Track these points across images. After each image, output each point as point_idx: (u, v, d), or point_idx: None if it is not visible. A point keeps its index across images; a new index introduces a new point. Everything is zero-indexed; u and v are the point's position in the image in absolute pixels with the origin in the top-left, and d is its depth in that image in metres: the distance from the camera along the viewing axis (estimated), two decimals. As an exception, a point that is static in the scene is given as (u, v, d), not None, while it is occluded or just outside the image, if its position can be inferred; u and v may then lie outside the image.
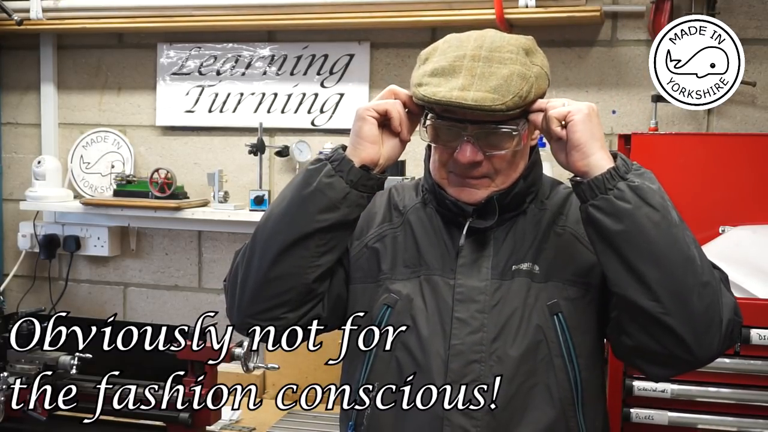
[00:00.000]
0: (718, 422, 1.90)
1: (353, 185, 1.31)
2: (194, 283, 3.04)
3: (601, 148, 1.27)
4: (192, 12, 2.79)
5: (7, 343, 2.21)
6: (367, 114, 1.34)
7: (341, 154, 1.33)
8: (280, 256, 1.32)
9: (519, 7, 2.47)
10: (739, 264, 1.95)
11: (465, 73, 1.27)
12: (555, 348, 1.33)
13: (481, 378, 1.31)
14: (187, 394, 2.11)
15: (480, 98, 1.24)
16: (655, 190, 1.25)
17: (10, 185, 3.22)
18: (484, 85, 1.25)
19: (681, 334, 1.22)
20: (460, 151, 1.31)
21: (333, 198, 1.30)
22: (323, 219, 1.31)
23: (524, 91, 1.27)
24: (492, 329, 1.32)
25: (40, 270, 3.16)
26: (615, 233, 1.22)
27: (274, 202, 1.38)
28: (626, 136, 2.30)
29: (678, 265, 1.21)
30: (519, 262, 1.36)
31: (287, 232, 1.32)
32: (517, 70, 1.27)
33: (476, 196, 1.36)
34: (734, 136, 2.33)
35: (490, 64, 1.27)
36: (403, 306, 1.36)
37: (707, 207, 2.16)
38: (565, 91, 2.63)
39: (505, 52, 1.29)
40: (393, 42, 2.76)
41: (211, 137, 2.98)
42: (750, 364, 1.87)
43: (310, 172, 1.33)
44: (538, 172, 1.43)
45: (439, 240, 1.40)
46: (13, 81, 3.18)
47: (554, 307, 1.33)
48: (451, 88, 1.26)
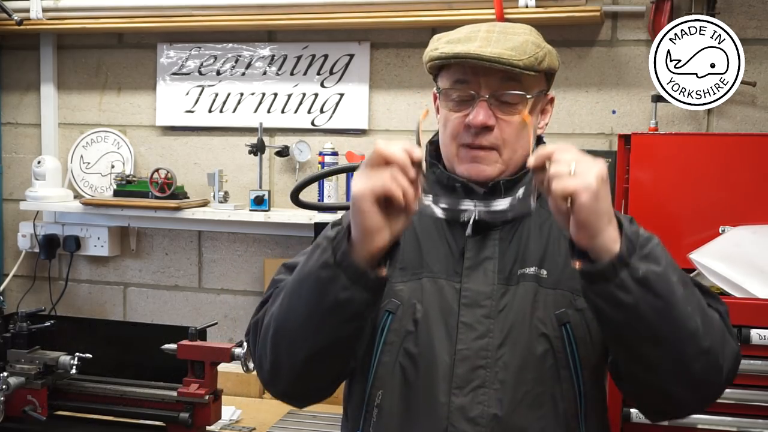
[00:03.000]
0: (717, 422, 1.89)
1: (373, 290, 1.19)
2: (194, 283, 3.04)
3: (608, 223, 1.14)
4: (192, 12, 2.79)
5: (7, 343, 2.21)
6: (365, 206, 1.13)
7: (351, 260, 1.16)
8: (312, 359, 1.25)
9: (519, 7, 2.47)
10: (739, 264, 1.95)
11: (480, 39, 1.30)
12: (562, 359, 1.30)
13: (486, 384, 1.28)
14: (187, 394, 2.11)
15: (498, 53, 1.26)
16: (660, 273, 1.14)
17: (10, 185, 3.22)
18: (500, 45, 1.28)
19: (680, 399, 1.23)
20: (473, 114, 1.31)
21: (356, 310, 1.20)
22: (351, 327, 1.23)
23: (539, 55, 1.30)
24: (498, 335, 1.30)
25: (40, 270, 3.16)
26: (615, 321, 1.17)
27: (286, 304, 1.26)
28: (626, 136, 2.30)
29: (680, 340, 1.17)
30: (525, 266, 1.34)
31: (314, 340, 1.24)
32: (531, 39, 1.31)
33: (486, 173, 1.34)
34: (734, 136, 2.33)
35: (505, 35, 1.31)
36: (404, 311, 1.34)
37: (707, 207, 2.16)
38: (565, 90, 2.63)
39: (518, 29, 1.34)
40: (393, 42, 2.76)
41: (211, 137, 2.98)
42: (750, 364, 1.87)
43: (322, 282, 1.18)
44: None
45: (442, 241, 1.37)
46: (13, 81, 3.18)
47: (563, 317, 1.31)
48: (469, 47, 1.28)
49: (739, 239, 2.05)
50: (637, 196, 2.22)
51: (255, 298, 2.96)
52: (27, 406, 2.15)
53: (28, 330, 2.23)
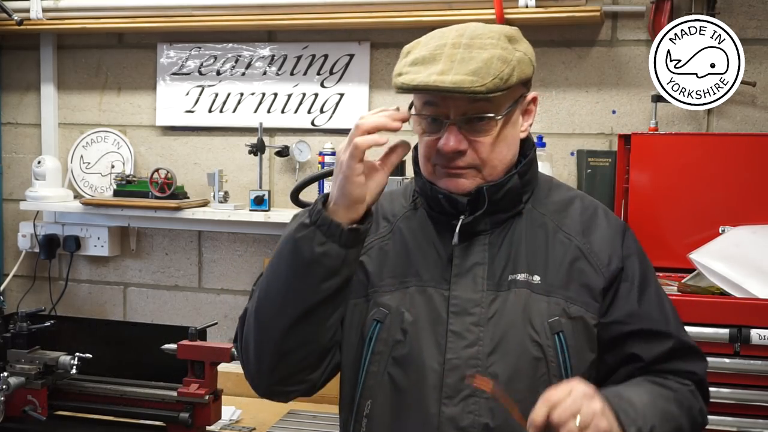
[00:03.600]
0: (717, 422, 1.89)
1: (348, 246, 1.24)
2: (194, 283, 3.04)
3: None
4: (192, 12, 2.79)
5: (8, 343, 2.21)
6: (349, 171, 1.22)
7: (327, 217, 1.24)
8: (291, 330, 1.28)
9: (519, 7, 2.47)
10: (739, 264, 1.95)
11: (444, 59, 1.24)
12: (554, 368, 1.29)
13: (477, 393, 1.26)
14: (187, 394, 2.11)
15: (459, 81, 1.21)
16: None
17: (10, 185, 3.22)
18: (463, 68, 1.22)
19: None
20: (443, 140, 1.28)
21: (332, 265, 1.24)
22: (327, 287, 1.26)
23: (505, 73, 1.23)
24: (488, 343, 1.28)
25: (40, 270, 3.16)
26: None
27: (268, 275, 1.31)
28: (626, 136, 2.31)
29: None
30: (516, 271, 1.32)
31: (293, 306, 1.27)
32: (497, 54, 1.24)
33: (465, 186, 1.31)
34: (734, 136, 2.33)
35: (470, 50, 1.25)
36: (392, 320, 1.32)
37: (707, 207, 2.16)
38: (565, 90, 2.63)
39: (486, 38, 1.27)
40: (393, 42, 2.76)
41: (211, 137, 2.98)
42: (750, 364, 1.87)
43: (297, 242, 1.25)
44: (534, 171, 1.39)
45: (431, 247, 1.35)
46: (13, 81, 3.18)
47: (555, 326, 1.29)
48: (430, 73, 1.23)
49: (739, 239, 2.05)
50: (637, 196, 2.22)
51: (255, 298, 2.96)
52: (27, 406, 2.16)
53: (28, 330, 2.23)
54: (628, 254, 1.37)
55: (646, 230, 2.20)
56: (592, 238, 1.36)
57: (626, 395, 1.25)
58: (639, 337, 1.34)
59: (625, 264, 1.36)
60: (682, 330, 1.40)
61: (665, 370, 1.36)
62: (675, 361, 1.36)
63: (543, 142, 2.55)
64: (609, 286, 1.34)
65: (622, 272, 1.35)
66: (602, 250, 1.35)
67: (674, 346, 1.36)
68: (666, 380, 1.35)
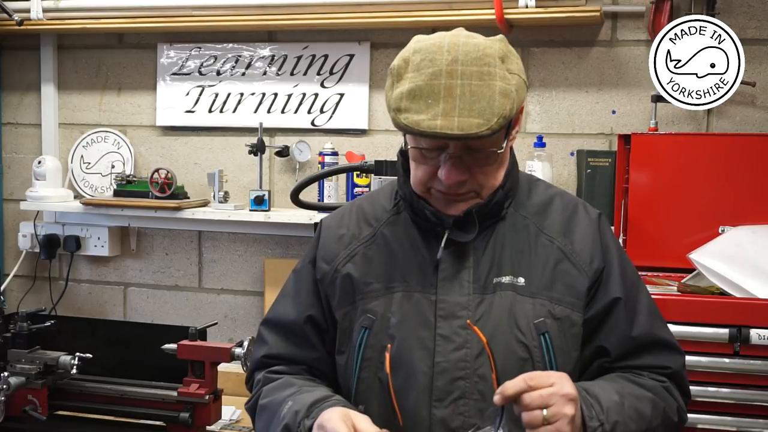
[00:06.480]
0: (717, 422, 1.89)
1: None
2: (194, 283, 3.04)
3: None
4: (192, 12, 2.79)
5: (8, 343, 2.21)
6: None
7: None
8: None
9: (519, 7, 2.47)
10: (739, 264, 1.95)
11: (444, 94, 1.22)
12: (540, 368, 1.29)
13: (466, 395, 1.28)
14: (187, 394, 2.11)
15: (466, 126, 1.20)
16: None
17: (11, 185, 3.23)
18: (466, 108, 1.21)
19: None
20: (445, 172, 1.27)
21: None
22: None
23: (507, 109, 1.22)
24: (475, 345, 1.29)
25: (41, 270, 3.16)
26: None
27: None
28: (626, 136, 2.30)
29: None
30: (500, 274, 1.33)
31: None
32: (498, 88, 1.22)
33: (462, 208, 1.32)
34: (734, 136, 2.33)
35: (469, 82, 1.22)
36: (380, 326, 1.33)
37: (707, 207, 2.16)
38: (564, 90, 2.63)
39: (482, 65, 1.24)
40: (393, 42, 2.76)
41: (211, 137, 2.98)
42: (750, 364, 1.87)
43: None
44: (515, 177, 1.39)
45: (416, 252, 1.36)
46: (13, 81, 3.18)
47: (541, 326, 1.30)
48: (434, 115, 1.21)
49: (739, 239, 2.05)
50: (637, 196, 2.22)
51: (255, 298, 2.96)
52: (27, 406, 2.15)
53: (28, 330, 2.23)
54: (606, 247, 1.38)
55: (646, 230, 2.20)
56: (573, 237, 1.37)
57: (593, 390, 1.26)
58: (607, 331, 1.36)
59: (605, 259, 1.37)
60: (658, 324, 1.40)
61: (636, 366, 1.37)
62: (645, 356, 1.37)
63: (543, 142, 2.55)
64: (593, 285, 1.35)
65: (604, 270, 1.36)
66: (584, 249, 1.36)
67: (642, 340, 1.36)
68: (640, 377, 1.36)
